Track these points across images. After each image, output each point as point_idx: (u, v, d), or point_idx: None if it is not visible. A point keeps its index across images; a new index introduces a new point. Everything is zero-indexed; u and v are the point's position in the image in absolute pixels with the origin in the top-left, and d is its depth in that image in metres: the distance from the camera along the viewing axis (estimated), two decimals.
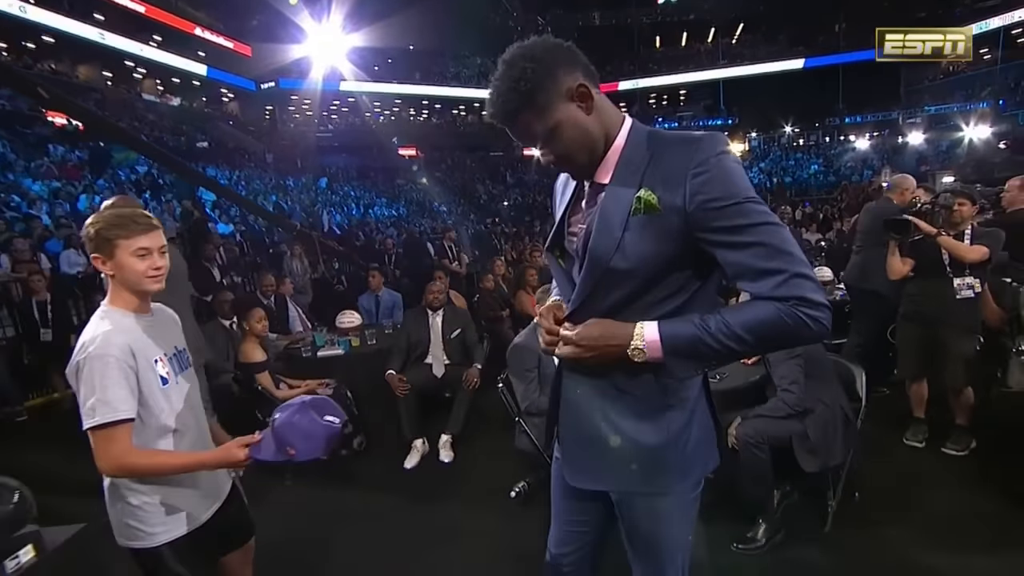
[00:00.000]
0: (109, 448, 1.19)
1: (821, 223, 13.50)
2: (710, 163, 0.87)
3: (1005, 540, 2.15)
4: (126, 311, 1.30)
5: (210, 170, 15.71)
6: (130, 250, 1.25)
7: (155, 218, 1.36)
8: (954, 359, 2.75)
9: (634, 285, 0.95)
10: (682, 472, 1.06)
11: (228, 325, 3.71)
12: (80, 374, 1.20)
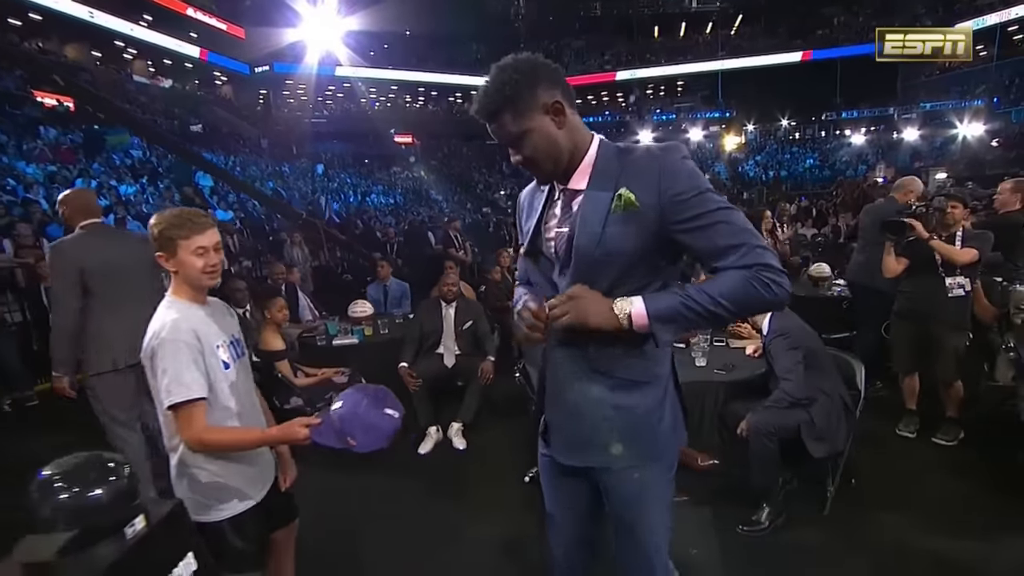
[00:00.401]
0: (190, 424, 1.30)
1: (816, 218, 13.61)
2: (676, 165, 1.03)
3: (990, 524, 2.30)
4: (187, 302, 1.40)
5: (205, 155, 15.61)
6: (190, 249, 1.36)
7: (211, 217, 1.44)
8: (945, 354, 2.89)
9: (615, 275, 1.07)
10: (659, 446, 1.18)
11: (241, 313, 3.77)
12: (155, 359, 1.31)
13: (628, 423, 1.14)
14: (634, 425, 1.14)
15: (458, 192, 25.53)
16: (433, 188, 24.71)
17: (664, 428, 1.17)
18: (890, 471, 2.76)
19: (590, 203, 1.08)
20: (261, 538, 1.51)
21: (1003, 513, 2.36)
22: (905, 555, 2.15)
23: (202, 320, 1.40)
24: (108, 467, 0.91)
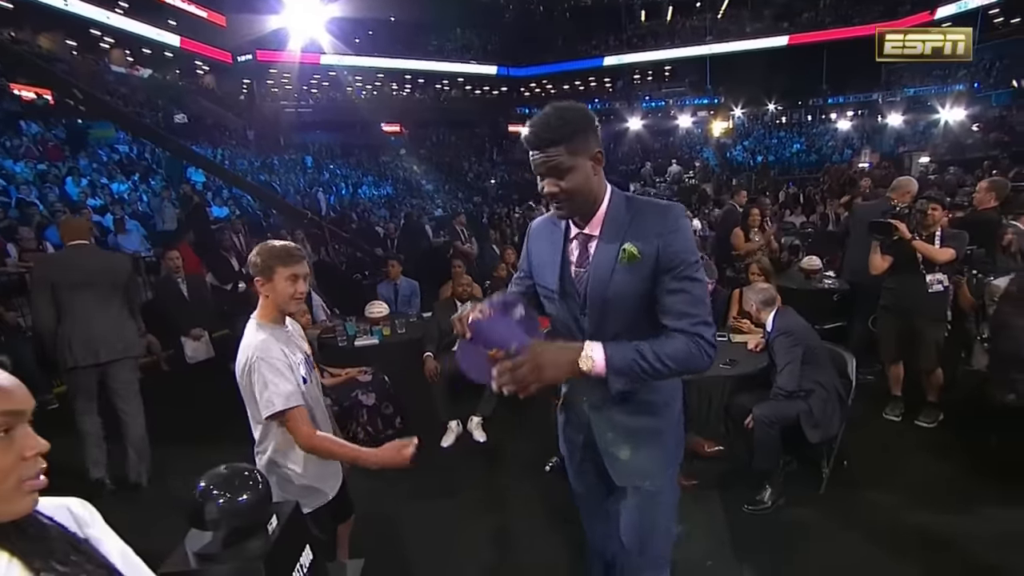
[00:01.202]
0: (299, 429, 1.51)
1: (805, 204, 13.82)
2: (678, 225, 1.23)
3: (967, 499, 2.56)
4: (272, 325, 1.60)
5: (193, 148, 15.32)
6: (284, 276, 1.56)
7: (302, 250, 1.62)
8: (926, 345, 3.14)
9: (625, 318, 1.25)
10: (675, 455, 1.42)
11: None
12: (252, 375, 1.50)
13: (660, 442, 1.38)
14: (663, 442, 1.38)
15: (448, 181, 25.38)
16: (424, 178, 24.59)
17: (678, 439, 1.43)
18: (878, 452, 3.02)
19: (601, 252, 1.27)
20: (331, 530, 1.70)
21: (979, 489, 2.63)
22: (893, 528, 2.41)
23: (284, 340, 1.60)
24: (250, 477, 1.09)
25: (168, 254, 4.27)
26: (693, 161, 24.32)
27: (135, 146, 14.20)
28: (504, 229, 10.28)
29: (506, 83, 33.18)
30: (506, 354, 1.12)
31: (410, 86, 33.75)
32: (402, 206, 17.54)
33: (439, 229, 12.16)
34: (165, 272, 4.47)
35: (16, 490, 0.58)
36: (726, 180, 21.92)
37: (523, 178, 26.41)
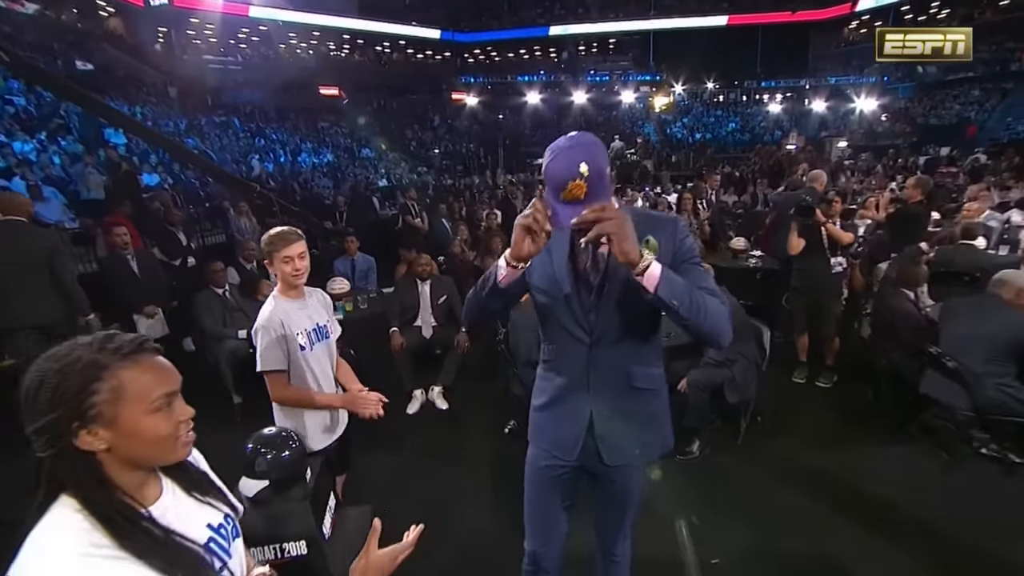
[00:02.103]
0: (272, 386, 1.81)
1: (738, 184, 14.61)
2: (686, 231, 1.37)
3: (854, 443, 3.13)
4: (283, 297, 1.86)
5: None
6: (281, 258, 1.80)
7: (299, 232, 1.79)
8: (828, 317, 3.70)
9: (639, 313, 1.32)
10: (668, 439, 1.50)
11: (221, 293, 3.92)
12: (255, 338, 1.80)
13: (657, 427, 1.47)
14: (659, 427, 1.48)
15: (391, 150, 24.63)
16: (366, 146, 23.72)
17: (668, 425, 1.51)
18: (785, 408, 3.55)
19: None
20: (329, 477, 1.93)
21: (859, 433, 3.22)
22: (794, 467, 2.92)
23: (291, 311, 1.85)
24: (289, 437, 1.29)
25: (115, 229, 4.11)
26: (635, 137, 24.97)
27: (32, 97, 12.50)
28: (452, 204, 10.31)
29: (450, 48, 32.10)
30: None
31: (348, 47, 31.98)
32: (345, 175, 16.98)
33: (384, 200, 12.01)
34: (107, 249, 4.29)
35: (177, 443, 0.78)
36: (666, 156, 22.81)
37: (468, 148, 26.13)
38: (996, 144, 17.89)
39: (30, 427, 0.71)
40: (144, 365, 0.75)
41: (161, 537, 0.74)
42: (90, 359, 0.72)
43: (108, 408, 0.71)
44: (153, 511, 0.78)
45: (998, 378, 2.57)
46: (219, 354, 3.69)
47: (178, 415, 0.78)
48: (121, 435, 0.73)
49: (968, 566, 2.23)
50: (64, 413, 0.70)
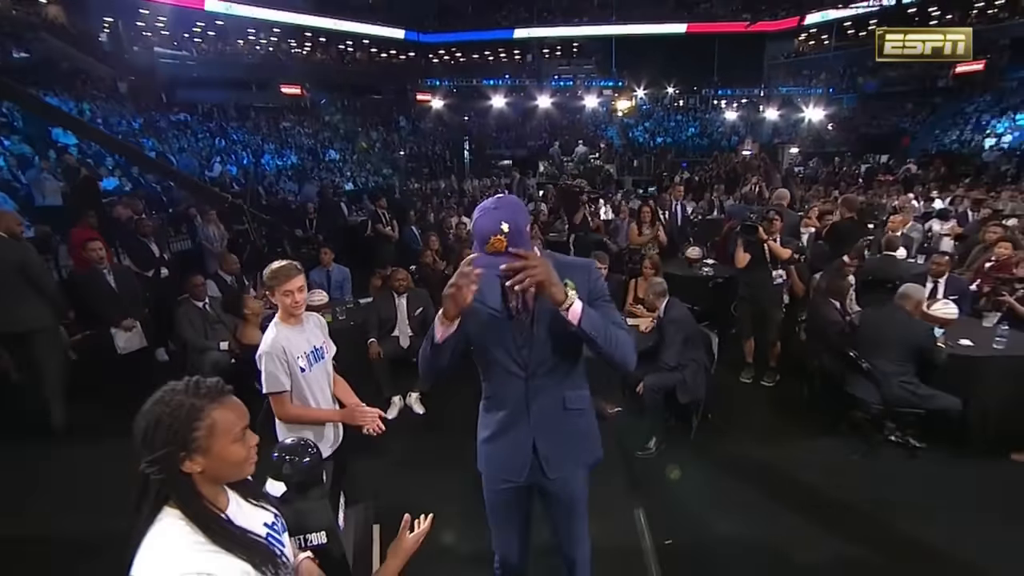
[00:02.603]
0: (276, 406, 2.04)
1: (697, 189, 15.25)
2: (598, 273, 1.60)
3: (793, 435, 3.55)
4: (284, 324, 2.06)
5: (48, 100, 12.68)
6: (281, 291, 2.00)
7: (298, 266, 1.99)
8: (770, 324, 4.11)
9: (564, 345, 1.54)
10: (597, 451, 1.74)
11: (201, 306, 4.02)
12: (260, 363, 2.00)
13: (589, 439, 1.71)
14: (590, 440, 1.72)
15: (356, 152, 24.33)
16: (330, 147, 23.34)
17: (598, 437, 1.74)
18: (733, 407, 3.95)
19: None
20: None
21: (795, 427, 3.64)
22: (742, 461, 3.30)
23: (291, 336, 2.05)
24: (308, 446, 1.52)
25: (89, 244, 4.11)
26: (598, 142, 25.55)
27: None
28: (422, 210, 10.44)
29: (414, 48, 31.89)
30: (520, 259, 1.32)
31: (310, 44, 31.36)
32: (310, 179, 16.75)
33: (351, 205, 12.01)
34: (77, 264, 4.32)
35: (248, 464, 1.02)
36: (628, 160, 23.49)
37: (433, 151, 26.11)
38: (926, 154, 19.36)
39: (148, 458, 0.93)
40: (228, 406, 0.99)
41: (239, 534, 0.97)
42: (190, 403, 0.95)
43: (205, 441, 0.94)
44: (228, 515, 1.00)
45: (901, 376, 3.01)
46: (202, 366, 3.79)
47: (249, 442, 1.02)
48: (213, 460, 0.96)
49: (880, 540, 2.63)
50: (174, 448, 0.93)
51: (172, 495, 0.94)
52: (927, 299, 3.80)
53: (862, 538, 2.62)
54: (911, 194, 10.93)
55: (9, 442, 3.62)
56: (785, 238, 4.08)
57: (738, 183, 14.71)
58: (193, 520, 0.93)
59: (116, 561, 0.95)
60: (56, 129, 11.38)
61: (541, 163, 21.13)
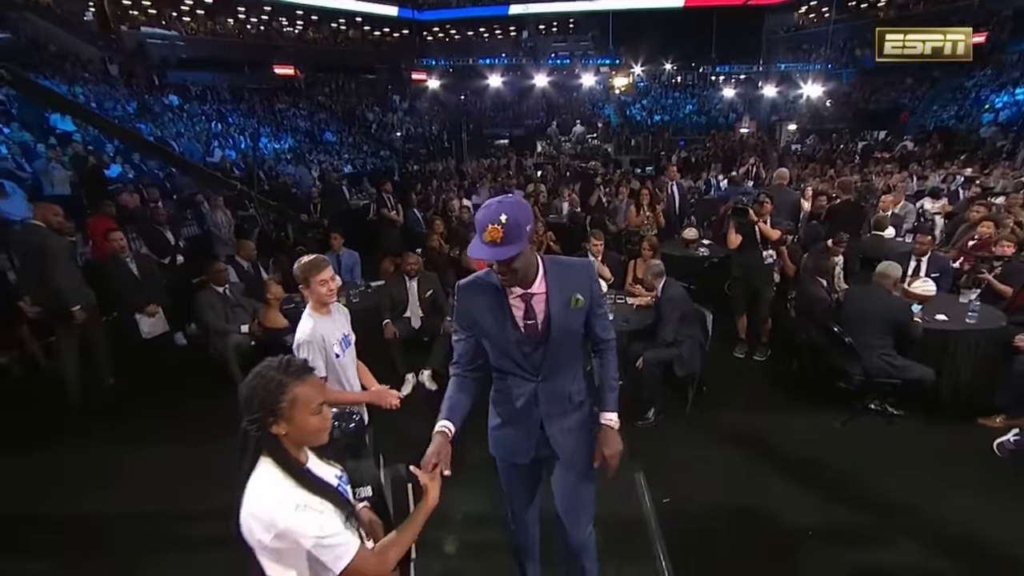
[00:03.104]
0: (321, 391, 2.15)
1: (694, 167, 15.31)
2: (594, 274, 1.74)
3: (784, 407, 3.80)
4: (317, 313, 2.24)
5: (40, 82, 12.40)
6: (316, 281, 2.18)
7: (325, 257, 2.20)
8: (762, 302, 4.34)
9: (571, 345, 1.69)
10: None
11: (222, 291, 4.22)
12: (299, 351, 2.15)
13: (589, 429, 1.81)
14: (590, 430, 1.82)
15: (352, 134, 24.09)
16: (326, 129, 23.15)
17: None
18: (727, 380, 4.20)
19: (555, 303, 1.62)
20: None
21: (785, 399, 3.90)
22: (735, 430, 3.54)
23: (325, 325, 2.24)
24: (353, 412, 1.75)
25: (111, 235, 4.30)
26: (596, 121, 25.41)
27: None
28: (423, 192, 10.55)
29: (408, 26, 31.37)
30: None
31: (303, 23, 30.81)
32: (308, 162, 16.74)
33: (351, 188, 12.10)
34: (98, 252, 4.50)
35: (323, 433, 1.24)
36: (626, 140, 23.45)
37: (430, 131, 25.94)
38: (923, 131, 19.33)
39: (247, 418, 1.15)
40: (310, 383, 1.19)
41: (318, 482, 1.20)
42: (279, 379, 1.16)
43: (288, 411, 1.16)
44: (308, 467, 1.23)
45: (880, 349, 3.25)
46: (224, 349, 4.02)
47: (325, 415, 1.24)
48: (294, 427, 1.18)
49: (858, 496, 2.88)
50: (265, 413, 1.15)
51: (266, 449, 1.16)
52: (910, 276, 4.03)
53: (842, 496, 2.88)
54: (905, 172, 11.06)
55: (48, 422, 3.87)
56: (775, 219, 4.27)
57: (735, 162, 14.81)
58: (283, 469, 1.15)
59: (159, 528, 1.17)
60: (54, 115, 11.38)
61: (539, 143, 21.06)
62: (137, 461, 3.39)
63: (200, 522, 2.75)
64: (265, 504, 1.11)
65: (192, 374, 4.45)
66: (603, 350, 1.82)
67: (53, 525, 2.90)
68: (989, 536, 2.53)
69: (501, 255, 1.46)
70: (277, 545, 1.11)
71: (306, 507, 1.12)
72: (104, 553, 2.69)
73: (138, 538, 2.77)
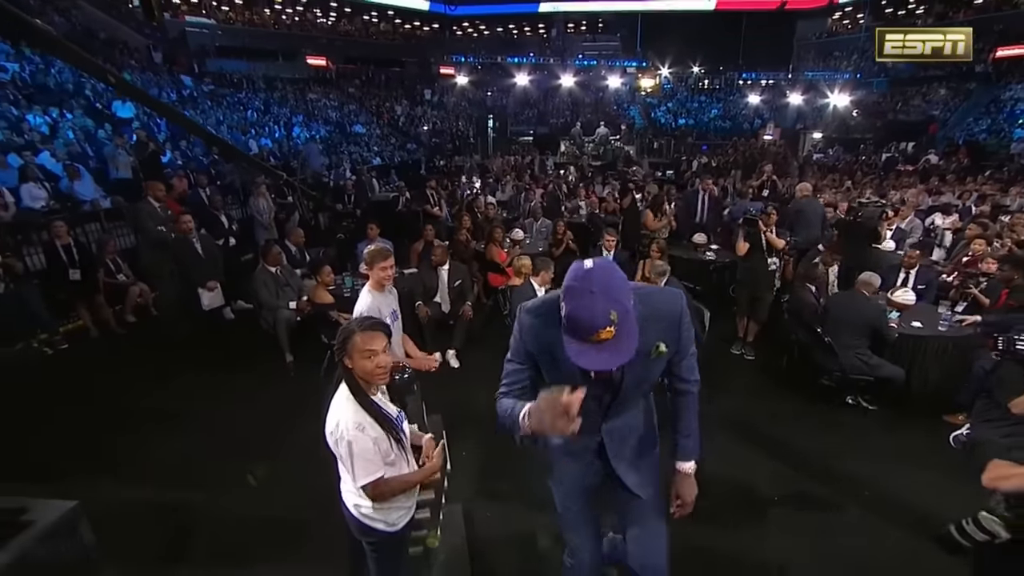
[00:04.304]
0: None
1: (714, 173, 15.48)
2: (684, 313, 1.52)
3: (771, 399, 4.21)
4: (375, 291, 2.74)
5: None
6: (379, 267, 2.69)
7: (388, 248, 2.69)
8: (763, 305, 4.73)
9: (647, 390, 1.65)
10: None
11: (275, 271, 4.77)
12: None
13: (657, 462, 1.79)
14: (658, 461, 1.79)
15: (380, 126, 24.64)
16: (356, 121, 23.79)
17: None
18: (725, 374, 4.60)
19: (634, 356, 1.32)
20: None
21: (777, 391, 4.30)
22: (730, 418, 3.91)
23: (379, 300, 2.77)
24: (404, 367, 2.23)
25: (182, 217, 4.92)
26: (619, 122, 25.59)
27: (24, 64, 12.03)
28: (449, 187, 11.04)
29: (438, 20, 31.76)
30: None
31: (335, 14, 31.54)
32: (339, 153, 17.36)
33: (379, 179, 12.67)
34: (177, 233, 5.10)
35: (375, 375, 1.66)
36: (648, 142, 23.63)
37: (456, 126, 26.43)
38: (951, 144, 19.17)
39: (333, 349, 1.65)
40: (367, 335, 1.63)
41: (377, 410, 1.67)
42: (351, 329, 1.65)
43: (348, 351, 1.63)
44: (375, 400, 1.71)
45: (856, 349, 3.64)
46: (275, 322, 4.57)
47: (377, 362, 1.65)
48: (353, 364, 1.64)
49: (834, 479, 3.28)
50: (338, 347, 1.64)
51: (342, 375, 1.65)
52: (898, 287, 4.39)
53: (820, 477, 3.27)
54: (923, 186, 11.18)
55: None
56: (802, 231, 4.66)
57: (754, 169, 14.98)
58: (352, 393, 1.64)
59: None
60: (116, 102, 12.14)
61: (562, 142, 21.40)
62: (211, 411, 3.98)
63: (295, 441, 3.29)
64: (338, 419, 1.60)
65: (242, 342, 5.06)
66: (683, 391, 1.69)
67: (149, 460, 3.48)
68: (934, 507, 2.90)
69: (624, 355, 1.26)
70: (339, 451, 1.60)
71: (364, 428, 1.60)
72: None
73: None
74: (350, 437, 1.56)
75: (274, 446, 3.45)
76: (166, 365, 4.66)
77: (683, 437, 1.73)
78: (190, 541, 2.77)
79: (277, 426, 3.63)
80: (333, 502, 1.80)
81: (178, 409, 4.01)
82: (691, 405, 1.71)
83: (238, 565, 2.63)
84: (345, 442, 1.57)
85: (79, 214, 6.61)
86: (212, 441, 3.62)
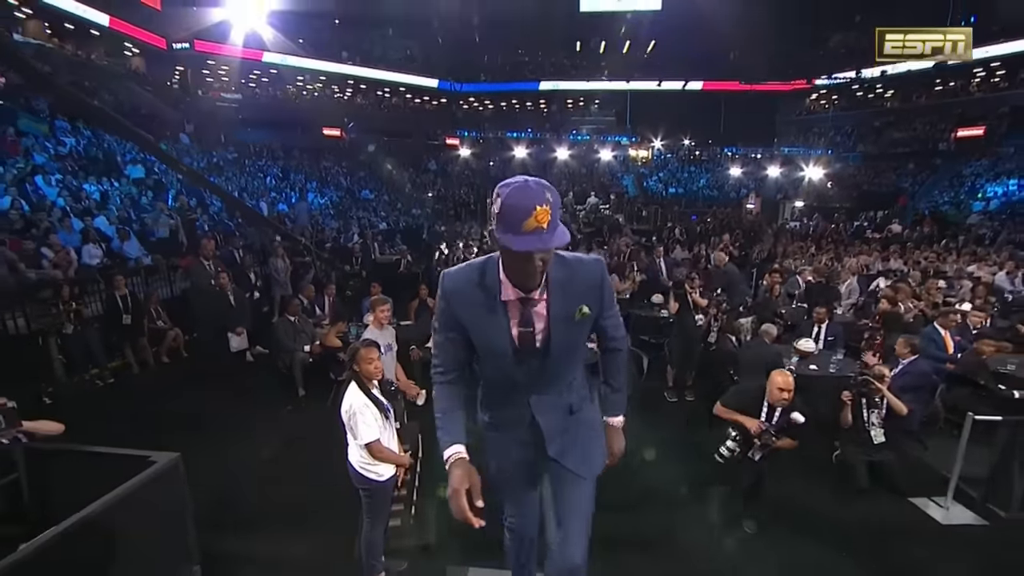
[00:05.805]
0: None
1: (688, 239, 16.47)
2: (606, 274, 1.58)
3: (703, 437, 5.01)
4: (375, 328, 3.70)
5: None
6: (379, 310, 3.71)
7: (387, 298, 3.70)
8: (693, 355, 5.60)
9: (575, 354, 1.61)
10: (604, 456, 1.80)
11: (293, 320, 5.76)
12: None
13: (596, 440, 1.75)
14: (598, 439, 1.78)
15: (387, 192, 26.00)
16: (365, 187, 25.41)
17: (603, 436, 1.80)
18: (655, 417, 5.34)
19: (557, 315, 1.47)
20: None
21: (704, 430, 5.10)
22: (666, 453, 4.77)
23: (378, 336, 3.71)
24: (391, 382, 3.17)
25: (221, 274, 6.01)
26: (612, 191, 27.27)
27: (77, 138, 13.37)
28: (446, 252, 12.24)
29: (445, 95, 34.07)
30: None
31: (351, 90, 34.16)
32: (348, 217, 18.73)
33: (384, 243, 13.90)
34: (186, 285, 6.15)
35: (375, 376, 2.67)
36: (637, 211, 25.14)
37: (459, 195, 28.11)
38: (918, 214, 20.61)
39: (345, 360, 2.63)
40: (367, 348, 2.65)
41: (376, 399, 2.63)
42: (356, 346, 2.65)
43: (356, 360, 2.63)
44: (374, 392, 2.67)
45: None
46: (292, 363, 5.52)
47: (375, 365, 2.64)
48: (360, 368, 2.63)
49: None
50: (349, 359, 2.64)
51: (353, 378, 2.60)
52: (811, 339, 5.34)
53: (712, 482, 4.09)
54: (876, 254, 12.28)
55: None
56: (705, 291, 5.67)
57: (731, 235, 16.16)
58: (360, 387, 2.59)
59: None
60: (130, 167, 13.37)
61: None
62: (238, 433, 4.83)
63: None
64: (351, 401, 2.55)
65: (261, 380, 5.99)
66: (611, 348, 1.73)
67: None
68: (814, 508, 3.74)
69: (560, 239, 1.32)
70: (349, 421, 2.52)
71: (367, 406, 2.55)
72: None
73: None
74: (357, 409, 2.52)
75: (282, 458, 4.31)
76: (200, 396, 5.54)
77: (612, 392, 1.79)
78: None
79: (289, 444, 4.49)
80: (332, 493, 2.64)
81: (212, 428, 4.86)
82: (619, 361, 1.77)
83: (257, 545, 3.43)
84: (355, 413, 2.52)
85: (126, 269, 7.71)
86: (233, 453, 4.45)
